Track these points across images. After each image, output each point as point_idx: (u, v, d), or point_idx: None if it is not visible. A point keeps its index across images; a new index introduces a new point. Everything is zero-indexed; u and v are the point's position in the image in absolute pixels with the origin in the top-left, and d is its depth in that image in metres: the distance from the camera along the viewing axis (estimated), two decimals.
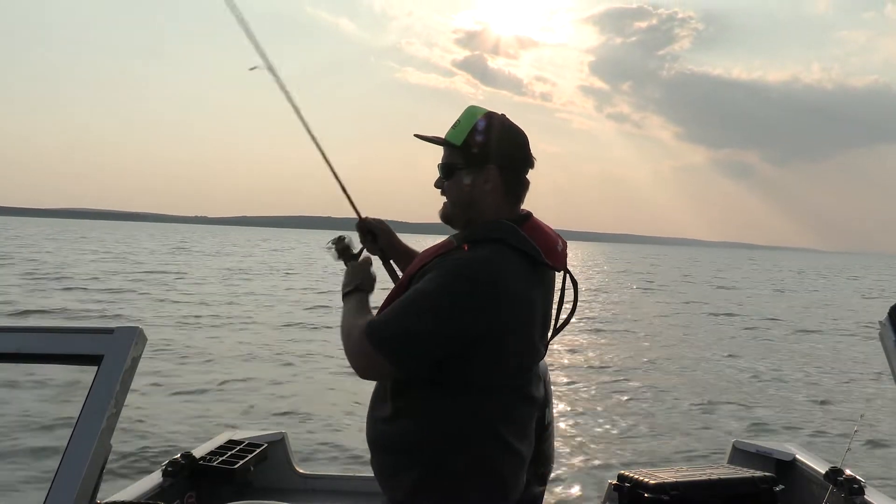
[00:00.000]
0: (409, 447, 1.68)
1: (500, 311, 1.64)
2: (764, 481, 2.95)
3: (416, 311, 1.63)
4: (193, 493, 3.11)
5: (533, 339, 1.76)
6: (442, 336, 1.62)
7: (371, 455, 1.79)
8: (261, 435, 3.64)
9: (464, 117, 1.80)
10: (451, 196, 1.83)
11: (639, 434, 8.60)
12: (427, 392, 1.67)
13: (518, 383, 1.74)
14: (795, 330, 20.60)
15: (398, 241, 2.26)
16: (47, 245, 56.11)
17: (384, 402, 1.74)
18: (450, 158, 1.81)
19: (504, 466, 1.71)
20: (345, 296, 1.90)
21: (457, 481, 1.66)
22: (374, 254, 2.22)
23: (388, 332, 1.63)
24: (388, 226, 2.26)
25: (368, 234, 2.22)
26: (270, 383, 10.50)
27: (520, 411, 1.75)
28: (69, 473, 1.43)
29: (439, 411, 1.66)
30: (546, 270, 1.79)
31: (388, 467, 1.73)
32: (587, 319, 20.58)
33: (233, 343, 13.83)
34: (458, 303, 1.61)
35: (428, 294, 1.63)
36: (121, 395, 1.52)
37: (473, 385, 1.66)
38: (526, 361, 1.76)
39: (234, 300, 22.16)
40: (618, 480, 2.98)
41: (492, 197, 1.78)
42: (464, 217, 1.82)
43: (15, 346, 1.65)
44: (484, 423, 1.67)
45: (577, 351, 14.91)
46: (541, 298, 1.78)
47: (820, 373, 13.46)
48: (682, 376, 12.50)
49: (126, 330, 1.60)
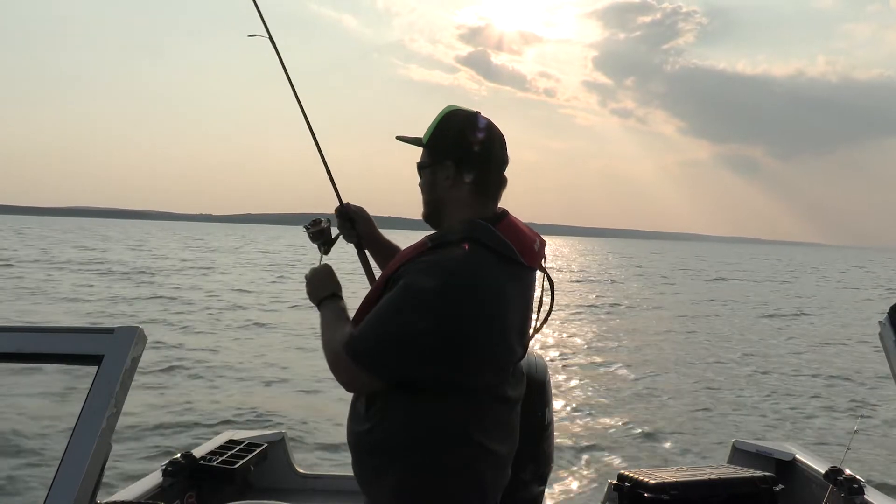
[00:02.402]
0: (388, 450, 1.67)
1: (476, 313, 1.62)
2: (764, 481, 2.96)
3: (392, 321, 1.62)
4: (193, 493, 3.11)
5: (509, 340, 1.74)
6: (419, 342, 1.60)
7: (352, 459, 1.79)
8: (261, 435, 3.64)
9: (437, 116, 1.80)
10: (423, 195, 1.83)
11: (639, 434, 8.60)
12: (404, 396, 1.66)
13: (495, 384, 1.72)
14: (797, 319, 20.61)
15: (377, 230, 2.24)
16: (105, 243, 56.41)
17: (362, 406, 1.73)
18: (420, 158, 1.82)
19: (482, 467, 1.70)
20: (320, 303, 1.87)
21: (436, 483, 1.67)
22: (351, 240, 2.21)
23: (366, 346, 1.63)
24: (367, 214, 2.24)
25: (347, 220, 2.20)
26: (270, 383, 10.51)
27: (496, 412, 1.73)
28: (69, 473, 1.43)
29: (416, 414, 1.65)
30: (523, 270, 1.77)
31: (368, 471, 1.74)
32: (587, 321, 20.57)
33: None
34: (434, 307, 1.59)
35: (403, 301, 1.62)
36: (121, 395, 1.52)
37: (450, 387, 1.65)
38: (503, 362, 1.74)
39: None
40: (618, 480, 2.99)
41: (455, 194, 1.76)
42: (435, 215, 1.81)
43: (15, 346, 1.65)
44: (460, 425, 1.66)
45: (577, 351, 14.92)
46: (517, 299, 1.75)
47: (821, 372, 13.47)
48: (682, 376, 12.49)
49: (126, 330, 1.60)
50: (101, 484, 1.53)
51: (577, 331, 17.97)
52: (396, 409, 1.67)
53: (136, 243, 63.06)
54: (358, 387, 1.72)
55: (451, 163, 1.75)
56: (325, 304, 1.86)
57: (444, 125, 1.78)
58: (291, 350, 13.40)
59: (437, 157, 1.77)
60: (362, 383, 1.69)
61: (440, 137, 1.78)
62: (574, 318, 20.83)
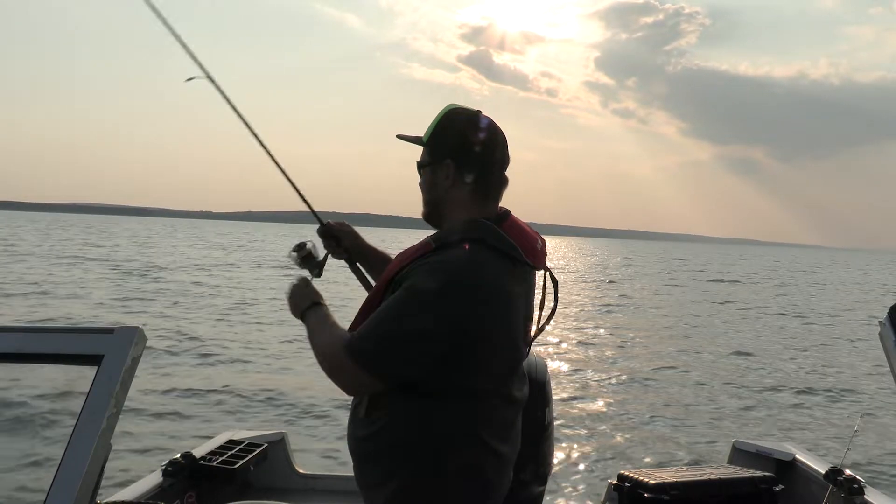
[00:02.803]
0: (393, 455, 1.65)
1: (481, 313, 1.61)
2: (764, 481, 2.96)
3: (395, 320, 1.60)
4: (193, 492, 3.11)
5: (515, 339, 1.73)
6: (424, 343, 1.59)
7: (353, 464, 1.76)
8: (261, 435, 3.64)
9: (438, 115, 1.79)
10: (422, 194, 1.81)
11: (639, 434, 8.60)
12: (407, 398, 1.63)
13: (500, 384, 1.71)
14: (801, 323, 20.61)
15: (363, 241, 2.22)
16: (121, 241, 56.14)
17: (363, 410, 1.71)
18: (421, 156, 1.81)
19: (487, 468, 1.69)
20: (304, 314, 1.83)
21: (440, 485, 1.65)
22: (340, 258, 2.19)
23: (369, 346, 1.60)
24: (351, 227, 2.22)
25: (332, 239, 2.18)
26: (270, 383, 10.51)
27: (501, 413, 1.72)
28: (69, 473, 1.43)
29: (421, 417, 1.63)
30: (526, 269, 1.76)
31: (373, 476, 1.71)
32: (587, 321, 20.57)
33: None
34: (439, 308, 1.58)
35: (407, 302, 1.60)
36: (121, 395, 1.52)
37: (454, 389, 1.63)
38: (508, 362, 1.73)
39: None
40: (618, 480, 2.99)
41: (455, 193, 1.74)
42: (435, 215, 1.80)
43: (15, 346, 1.65)
44: (466, 426, 1.65)
45: (576, 350, 14.91)
46: (521, 298, 1.74)
47: (820, 372, 13.47)
48: (682, 376, 12.49)
49: (126, 330, 1.60)
50: (101, 484, 1.53)
51: (577, 330, 17.96)
52: (400, 412, 1.65)
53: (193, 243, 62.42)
54: (359, 389, 1.70)
55: (452, 162, 1.73)
56: (309, 313, 1.82)
57: (444, 124, 1.77)
58: (291, 347, 13.40)
59: (438, 157, 1.76)
60: (364, 385, 1.66)
61: (440, 136, 1.77)
62: (574, 318, 20.83)
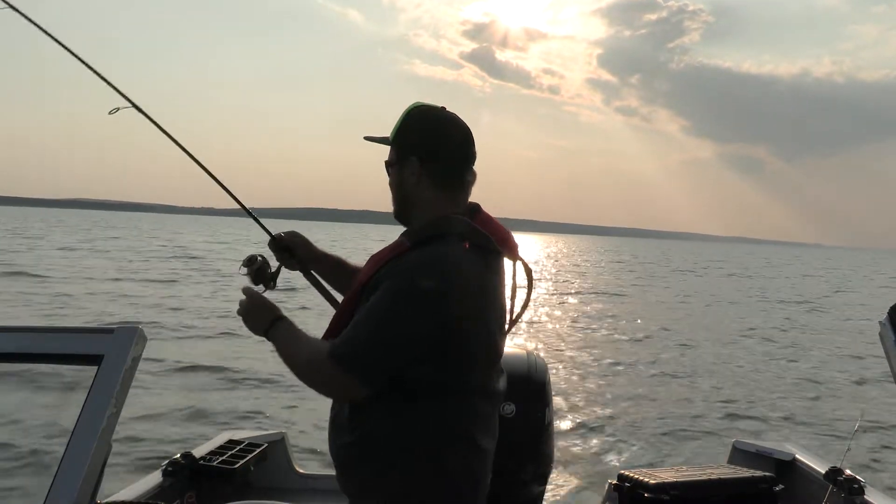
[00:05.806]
0: (380, 457, 1.64)
1: (464, 310, 1.61)
2: (764, 481, 2.95)
3: (381, 323, 1.59)
4: (193, 493, 3.11)
5: (494, 333, 1.73)
6: (411, 344, 1.58)
7: (338, 473, 1.74)
8: (261, 435, 3.64)
9: (402, 113, 1.78)
10: (391, 193, 1.81)
11: (639, 434, 8.60)
12: (393, 399, 1.62)
13: (484, 380, 1.71)
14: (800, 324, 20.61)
15: (316, 249, 2.20)
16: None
17: (345, 415, 1.69)
18: (388, 155, 1.80)
19: (473, 465, 1.70)
20: (267, 331, 1.75)
21: (432, 484, 1.65)
22: (294, 269, 2.16)
23: (354, 350, 1.59)
24: (302, 236, 2.19)
25: (285, 251, 2.15)
26: (270, 382, 10.50)
27: (483, 407, 1.71)
28: (69, 473, 1.44)
29: (409, 417, 1.63)
30: (498, 261, 1.76)
31: (359, 481, 1.70)
32: (586, 320, 20.57)
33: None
34: (423, 307, 1.58)
35: (390, 303, 1.59)
36: (121, 395, 1.53)
37: (441, 386, 1.63)
38: (489, 357, 1.73)
39: None
40: (618, 480, 2.98)
41: (422, 190, 1.74)
42: (405, 213, 1.79)
43: (15, 346, 1.65)
44: (453, 424, 1.65)
45: (576, 350, 14.91)
46: (498, 290, 1.75)
47: (820, 372, 13.47)
48: (682, 376, 12.49)
49: (126, 330, 1.61)
50: (101, 484, 1.53)
51: (576, 330, 17.96)
52: (385, 413, 1.63)
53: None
54: (345, 394, 1.67)
55: (416, 159, 1.73)
56: (275, 329, 1.75)
57: (408, 122, 1.77)
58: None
59: (403, 155, 1.75)
60: (348, 389, 1.63)
61: (405, 134, 1.76)
62: (573, 317, 20.83)
